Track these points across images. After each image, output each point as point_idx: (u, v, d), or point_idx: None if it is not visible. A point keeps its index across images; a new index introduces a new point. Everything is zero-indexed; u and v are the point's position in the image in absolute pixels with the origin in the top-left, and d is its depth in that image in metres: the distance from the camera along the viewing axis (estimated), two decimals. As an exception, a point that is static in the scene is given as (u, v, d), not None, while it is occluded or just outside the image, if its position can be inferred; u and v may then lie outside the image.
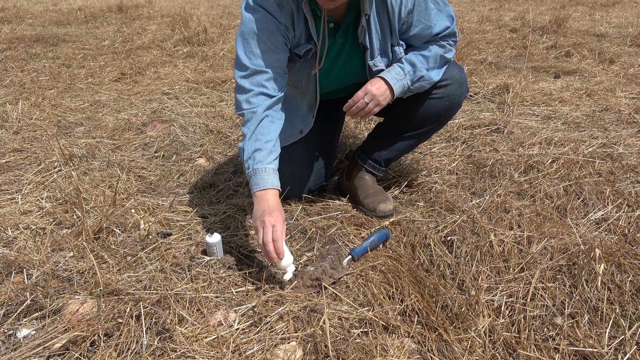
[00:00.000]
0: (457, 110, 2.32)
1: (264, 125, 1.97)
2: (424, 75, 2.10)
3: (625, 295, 1.72)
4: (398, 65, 2.09)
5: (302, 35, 2.02)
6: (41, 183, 2.61)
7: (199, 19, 7.43)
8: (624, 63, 4.92)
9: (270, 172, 1.92)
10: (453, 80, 2.21)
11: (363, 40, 2.07)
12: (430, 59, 2.11)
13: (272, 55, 1.99)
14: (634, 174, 2.53)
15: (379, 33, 2.07)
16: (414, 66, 2.09)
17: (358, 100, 2.03)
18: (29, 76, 4.77)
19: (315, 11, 1.98)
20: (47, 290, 1.79)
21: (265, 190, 1.89)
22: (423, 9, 2.03)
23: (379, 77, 2.06)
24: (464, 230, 2.10)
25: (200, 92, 4.22)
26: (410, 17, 2.04)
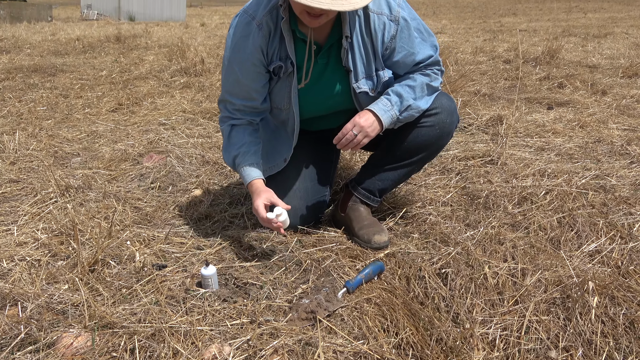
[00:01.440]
0: (448, 139, 2.34)
1: (233, 135, 2.26)
2: (411, 104, 2.14)
3: (619, 328, 1.72)
4: (385, 97, 2.14)
5: (275, 52, 2.10)
6: (37, 214, 2.62)
7: (196, 50, 7.51)
8: (616, 94, 4.98)
9: (247, 167, 2.21)
10: (442, 109, 2.24)
11: (346, 63, 2.13)
12: (416, 89, 2.15)
13: (242, 87, 2.18)
14: (626, 206, 2.55)
15: (362, 56, 2.12)
16: (401, 97, 2.13)
17: (347, 133, 2.09)
18: (27, 106, 4.81)
19: (294, 32, 2.05)
20: (41, 323, 1.79)
21: (249, 183, 2.20)
22: (406, 36, 2.10)
23: (367, 109, 2.12)
24: (458, 263, 2.11)
25: (197, 123, 4.26)
26: (393, 43, 2.10)
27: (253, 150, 2.23)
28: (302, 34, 2.07)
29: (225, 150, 2.27)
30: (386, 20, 2.06)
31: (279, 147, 2.37)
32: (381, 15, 2.06)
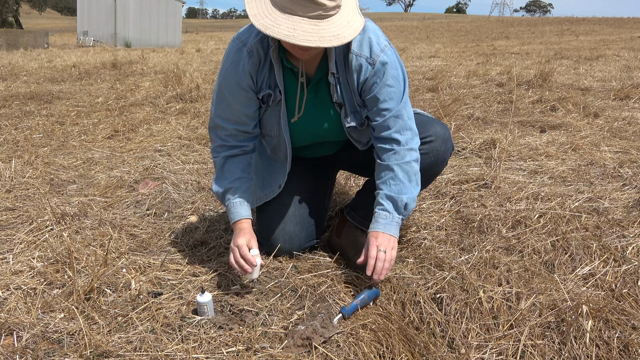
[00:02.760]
0: (442, 166, 2.37)
1: (225, 168, 2.26)
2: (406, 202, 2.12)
3: (614, 351, 1.73)
4: (378, 208, 2.13)
5: (264, 81, 2.12)
6: (33, 242, 2.62)
7: (191, 76, 7.57)
8: (608, 117, 5.03)
9: (237, 205, 2.22)
10: (437, 137, 2.26)
11: (337, 99, 2.16)
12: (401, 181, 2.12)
13: (233, 112, 2.19)
14: (619, 228, 2.57)
15: (347, 93, 2.14)
16: (392, 199, 2.12)
17: (375, 257, 2.04)
18: (23, 134, 4.83)
19: (282, 60, 2.08)
20: (36, 353, 1.78)
21: (235, 222, 2.21)
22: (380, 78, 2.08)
23: (373, 232, 2.10)
24: (453, 287, 2.12)
25: (193, 149, 4.28)
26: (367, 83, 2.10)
27: (245, 188, 2.24)
28: (290, 64, 2.10)
29: (217, 182, 2.27)
30: (363, 62, 2.07)
31: (275, 174, 2.39)
32: (360, 57, 2.07)
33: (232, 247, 2.12)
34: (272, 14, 1.82)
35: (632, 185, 3.14)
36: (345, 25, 1.85)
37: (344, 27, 1.84)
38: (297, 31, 1.77)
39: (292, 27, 1.77)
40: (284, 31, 1.77)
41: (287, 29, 1.77)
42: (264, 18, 1.82)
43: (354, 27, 1.86)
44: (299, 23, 1.78)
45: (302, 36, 1.77)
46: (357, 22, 1.89)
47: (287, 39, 1.77)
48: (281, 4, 1.81)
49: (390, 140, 2.13)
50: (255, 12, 1.84)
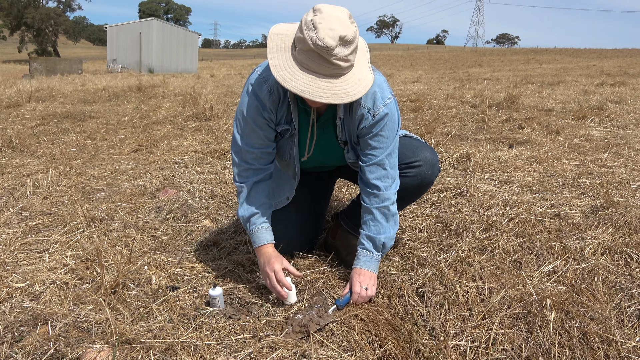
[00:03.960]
0: (428, 187, 2.33)
1: (252, 194, 2.15)
2: (384, 242, 2.11)
3: (574, 339, 1.72)
4: (360, 247, 2.14)
5: (283, 117, 2.08)
6: (66, 243, 2.61)
7: (206, 97, 7.57)
8: (568, 134, 5.04)
9: (264, 230, 2.13)
10: (425, 162, 2.21)
11: (341, 137, 2.12)
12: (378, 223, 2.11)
13: (257, 136, 2.08)
14: (578, 231, 2.56)
15: (348, 132, 2.11)
16: (372, 239, 2.11)
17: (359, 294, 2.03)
18: (59, 148, 4.81)
19: (297, 100, 2.04)
20: (68, 340, 1.77)
21: (262, 245, 2.11)
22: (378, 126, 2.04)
23: (357, 269, 2.10)
24: (433, 282, 2.11)
25: (207, 162, 4.27)
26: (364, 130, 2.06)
27: (268, 213, 2.17)
28: (304, 104, 2.05)
29: (243, 206, 2.15)
30: (365, 112, 2.02)
31: (283, 185, 2.36)
32: (363, 108, 2.02)
33: (268, 272, 2.02)
34: (291, 68, 1.77)
35: (589, 194, 3.13)
36: (357, 83, 1.80)
37: (355, 84, 1.79)
38: (313, 87, 1.73)
39: (308, 83, 1.74)
40: (301, 86, 1.73)
41: (303, 85, 1.73)
42: (284, 70, 1.77)
43: (364, 85, 1.81)
44: (315, 80, 1.74)
45: (317, 92, 1.73)
46: (367, 79, 1.84)
47: (302, 94, 1.73)
48: (300, 60, 1.76)
49: (371, 186, 2.09)
50: (277, 64, 1.79)
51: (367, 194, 2.12)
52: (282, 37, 1.86)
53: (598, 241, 2.41)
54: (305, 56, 1.73)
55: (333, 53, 1.69)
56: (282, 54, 1.82)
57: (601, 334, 1.74)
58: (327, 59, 1.71)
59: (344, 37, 1.69)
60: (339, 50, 1.70)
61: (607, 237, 2.45)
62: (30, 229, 2.80)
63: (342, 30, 1.69)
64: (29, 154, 4.59)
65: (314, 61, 1.73)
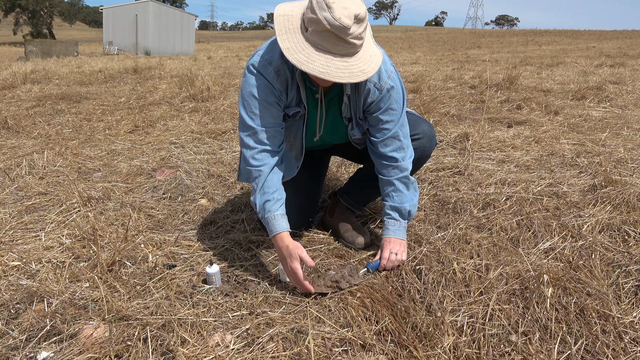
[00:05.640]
0: (426, 160, 2.35)
1: (269, 179, 2.03)
2: (409, 210, 2.15)
3: (571, 315, 1.72)
4: (386, 218, 2.17)
5: (293, 99, 2.03)
6: (62, 222, 2.60)
7: (203, 79, 7.51)
8: (567, 114, 5.02)
9: (279, 218, 2.00)
10: (424, 135, 2.24)
11: (346, 114, 2.10)
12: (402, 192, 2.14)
13: (269, 115, 2.00)
14: (576, 209, 2.56)
15: (354, 108, 2.09)
16: (397, 209, 2.15)
17: (388, 259, 2.07)
18: (54, 129, 4.78)
19: (305, 81, 2.01)
20: (65, 317, 1.77)
21: (279, 234, 1.98)
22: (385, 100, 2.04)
23: (387, 238, 2.13)
24: (430, 260, 2.11)
25: (203, 142, 4.25)
26: (373, 106, 2.06)
27: (282, 199, 2.06)
28: (312, 84, 2.02)
29: (260, 192, 2.03)
30: (372, 87, 2.01)
31: None
32: (369, 82, 2.00)
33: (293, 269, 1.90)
34: (306, 50, 1.73)
35: (588, 173, 3.12)
36: (369, 60, 1.78)
37: (367, 61, 1.77)
38: (331, 68, 1.71)
39: (325, 64, 1.71)
40: (319, 68, 1.70)
41: (321, 66, 1.70)
42: (298, 53, 1.73)
43: (376, 61, 1.80)
44: (332, 60, 1.71)
45: (335, 73, 1.71)
46: (377, 55, 1.83)
47: (322, 75, 1.70)
48: (314, 42, 1.72)
49: (389, 159, 2.11)
50: (288, 46, 1.75)
51: (385, 167, 2.13)
52: (288, 18, 1.82)
53: (596, 219, 2.41)
54: (320, 37, 1.70)
55: (349, 32, 1.67)
56: (292, 35, 1.78)
57: (598, 309, 1.74)
58: (344, 39, 1.68)
59: (358, 15, 1.67)
60: (354, 29, 1.68)
61: (605, 215, 2.44)
62: (26, 208, 2.78)
63: (355, 8, 1.67)
64: (24, 134, 4.56)
65: (329, 41, 1.70)
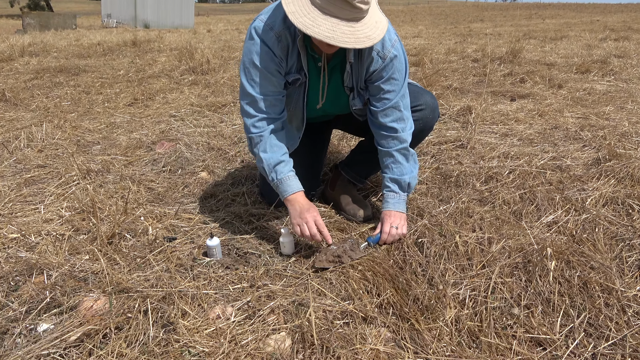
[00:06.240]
0: (429, 132, 2.32)
1: (273, 142, 2.03)
2: (409, 182, 2.13)
3: (574, 288, 1.71)
4: (386, 191, 2.15)
5: (294, 66, 1.99)
6: (61, 195, 2.58)
7: (202, 52, 7.42)
8: (571, 88, 4.96)
9: (293, 178, 2.03)
10: (427, 106, 2.21)
11: (348, 83, 2.06)
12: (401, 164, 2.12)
13: (270, 84, 1.98)
14: (580, 183, 2.53)
15: (355, 78, 2.05)
16: (397, 181, 2.12)
17: (389, 233, 2.05)
18: (53, 102, 4.74)
19: (307, 48, 1.97)
20: (64, 289, 1.76)
21: (294, 194, 2.01)
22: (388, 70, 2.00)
23: (386, 211, 2.11)
24: (432, 233, 2.09)
25: (203, 115, 4.20)
26: (375, 75, 2.02)
27: (292, 162, 2.06)
28: (313, 51, 1.98)
29: (266, 155, 2.02)
30: (375, 55, 1.97)
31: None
32: (373, 50, 1.96)
33: (307, 218, 1.94)
34: (311, 14, 1.69)
35: (592, 146, 3.09)
36: (375, 26, 1.75)
37: (373, 27, 1.74)
38: (337, 32, 1.67)
39: (331, 29, 1.67)
40: (324, 32, 1.67)
41: (327, 30, 1.67)
42: (303, 17, 1.69)
43: (381, 28, 1.77)
44: (338, 25, 1.68)
45: (341, 37, 1.67)
46: (382, 21, 1.80)
47: (327, 40, 1.67)
48: (321, 6, 1.68)
49: (388, 129, 2.07)
50: (293, 10, 1.71)
51: (384, 137, 2.10)
52: None
53: (599, 192, 2.39)
54: (327, 0, 1.67)
55: None
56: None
57: (602, 282, 1.72)
58: (350, 3, 1.65)
59: None
60: None
61: (608, 189, 2.42)
62: (25, 181, 2.76)
63: None
64: (22, 107, 4.52)
65: (336, 5, 1.66)
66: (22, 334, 1.56)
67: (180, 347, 1.49)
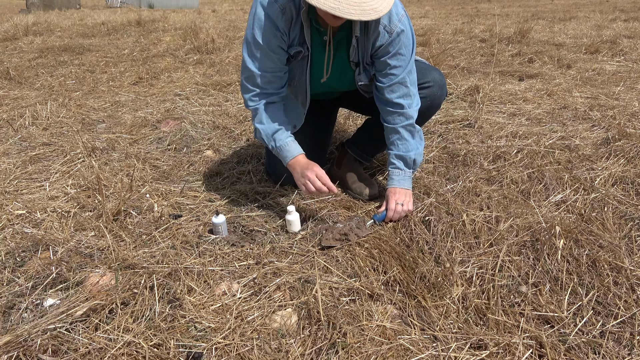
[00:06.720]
0: (436, 110, 2.28)
1: (270, 112, 2.06)
2: (414, 158, 2.10)
3: (582, 266, 1.70)
4: (391, 167, 2.13)
5: (296, 38, 1.96)
6: (67, 172, 2.57)
7: (207, 31, 7.36)
8: (580, 68, 4.90)
9: (292, 143, 2.05)
10: (435, 83, 2.17)
11: (354, 58, 2.03)
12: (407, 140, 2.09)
13: (269, 60, 1.97)
14: (589, 163, 2.51)
15: (362, 52, 2.02)
16: (402, 158, 2.10)
17: (395, 210, 2.03)
18: (57, 80, 4.71)
19: (311, 21, 1.93)
20: (70, 264, 1.76)
21: (294, 158, 2.03)
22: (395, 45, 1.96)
23: (391, 188, 2.09)
24: (439, 211, 2.07)
25: (208, 94, 4.17)
26: (381, 50, 1.98)
27: (290, 130, 2.09)
28: (318, 24, 1.95)
29: (262, 125, 2.05)
30: (381, 29, 1.93)
31: (289, 114, 2.27)
32: (379, 24, 1.93)
33: (309, 175, 1.95)
34: None
35: (601, 126, 3.05)
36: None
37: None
38: (342, 4, 1.63)
39: (337, 0, 1.64)
40: (330, 3, 1.63)
41: (333, 2, 1.63)
42: None
43: (388, 1, 1.72)
44: None
45: (346, 9, 1.64)
46: None
47: (333, 11, 1.63)
48: None
49: (394, 105, 2.05)
50: None
51: (390, 113, 2.07)
52: None
53: (609, 172, 2.36)
54: None
55: None
56: None
57: (610, 261, 1.71)
58: None
59: None
60: None
61: (618, 168, 2.39)
62: (30, 158, 2.75)
63: None
64: (27, 85, 4.50)
65: None
66: (29, 309, 1.56)
67: (186, 323, 1.49)
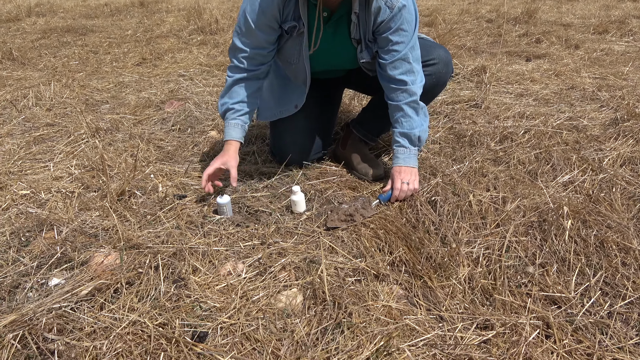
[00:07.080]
0: (442, 88, 2.25)
1: (234, 90, 2.09)
2: (419, 135, 2.07)
3: (590, 247, 1.68)
4: (395, 146, 2.10)
5: (290, 13, 1.94)
6: (71, 153, 2.56)
7: (211, 12, 7.29)
8: (588, 48, 4.83)
9: (232, 126, 2.09)
10: (440, 60, 2.14)
11: (355, 35, 2.00)
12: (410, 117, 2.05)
13: (254, 38, 1.99)
14: (597, 143, 2.48)
15: (363, 29, 1.98)
16: (406, 135, 2.06)
17: (400, 189, 2.01)
18: (61, 61, 4.68)
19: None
20: (75, 244, 1.75)
21: (227, 141, 2.08)
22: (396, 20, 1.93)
23: (396, 167, 2.06)
24: (446, 192, 2.06)
25: (212, 74, 4.14)
26: (383, 25, 1.94)
27: (245, 111, 2.09)
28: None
29: (221, 100, 2.13)
30: (383, 4, 1.89)
31: (290, 94, 2.25)
32: (380, 0, 1.89)
33: (211, 163, 2.04)
34: None
35: (609, 107, 3.01)
36: None
37: None
38: None
39: None
40: None
41: None
42: None
43: None
44: None
45: None
46: None
47: None
48: None
49: (398, 82, 2.01)
50: None
51: (394, 90, 2.04)
52: None
53: (617, 152, 2.33)
54: None
55: None
56: None
57: (618, 242, 1.69)
58: None
59: None
60: None
61: (626, 149, 2.37)
62: (34, 139, 2.74)
63: None
64: (30, 66, 4.47)
65: None
66: (34, 288, 1.56)
67: (191, 302, 1.49)
